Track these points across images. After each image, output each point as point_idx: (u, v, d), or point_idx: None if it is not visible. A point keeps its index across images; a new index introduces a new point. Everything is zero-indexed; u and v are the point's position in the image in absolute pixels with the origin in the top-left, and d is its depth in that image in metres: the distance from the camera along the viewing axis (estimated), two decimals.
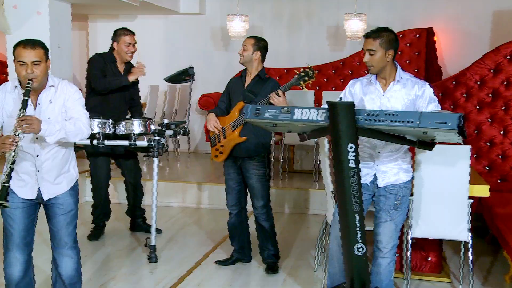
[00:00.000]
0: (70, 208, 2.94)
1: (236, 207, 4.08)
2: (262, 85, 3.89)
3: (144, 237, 4.76)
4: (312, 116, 2.80)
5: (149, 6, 7.01)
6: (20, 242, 2.88)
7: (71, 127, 2.78)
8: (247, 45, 3.92)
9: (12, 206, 2.82)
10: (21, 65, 2.71)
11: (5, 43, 8.83)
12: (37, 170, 2.82)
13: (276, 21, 7.96)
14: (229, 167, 4.02)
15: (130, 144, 4.21)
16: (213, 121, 3.95)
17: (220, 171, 6.81)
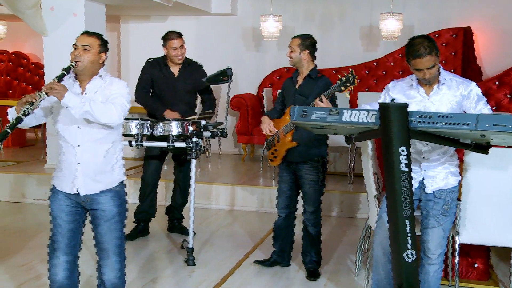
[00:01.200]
0: (112, 214, 2.87)
1: (285, 210, 4.02)
2: (313, 85, 3.80)
3: (179, 239, 4.75)
4: (362, 118, 2.71)
5: (182, 6, 7.00)
6: (64, 245, 2.85)
7: (98, 104, 2.71)
8: (293, 46, 3.83)
9: (58, 209, 2.81)
10: (74, 49, 2.77)
11: (41, 45, 8.98)
12: (77, 162, 2.77)
13: (308, 21, 7.87)
14: (283, 170, 3.97)
15: (168, 146, 4.17)
16: (267, 124, 3.90)
17: (252, 173, 6.77)
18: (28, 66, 9.25)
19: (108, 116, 2.72)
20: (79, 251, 2.97)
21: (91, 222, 2.90)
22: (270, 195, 5.89)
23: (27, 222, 5.29)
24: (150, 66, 4.71)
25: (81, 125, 2.76)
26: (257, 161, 7.51)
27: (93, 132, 2.78)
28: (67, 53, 6.33)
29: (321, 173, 3.89)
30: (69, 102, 2.63)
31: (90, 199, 2.82)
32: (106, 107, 2.72)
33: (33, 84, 9.22)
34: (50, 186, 2.92)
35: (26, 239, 4.73)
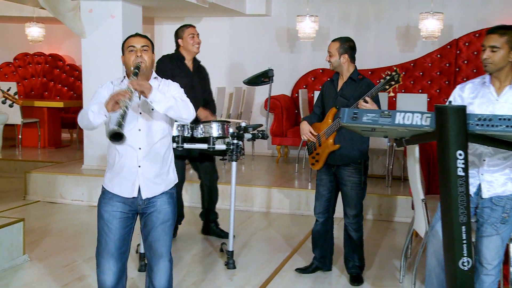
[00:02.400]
0: (168, 217, 2.85)
1: (323, 215, 3.95)
2: (355, 88, 3.73)
3: (217, 242, 4.72)
4: (416, 121, 2.63)
5: (217, 7, 6.98)
6: (115, 251, 2.82)
7: (179, 100, 2.74)
8: (331, 51, 3.77)
9: (110, 215, 2.79)
10: (131, 51, 2.75)
11: (76, 47, 9.08)
12: (138, 165, 2.76)
13: (343, 21, 7.79)
14: (322, 173, 3.90)
15: (209, 148, 4.15)
16: (307, 130, 3.84)
17: (288, 175, 6.71)
18: (63, 67, 9.38)
19: (188, 111, 2.76)
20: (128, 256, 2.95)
21: (144, 226, 2.87)
22: (307, 197, 5.82)
23: (66, 222, 5.33)
24: (167, 62, 4.59)
25: (141, 128, 2.75)
26: (292, 163, 7.46)
27: (153, 135, 2.78)
28: (105, 54, 6.43)
29: (363, 175, 3.82)
30: (155, 97, 2.62)
31: (147, 202, 2.81)
32: (184, 102, 2.74)
33: (68, 85, 9.35)
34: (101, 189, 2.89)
35: (66, 239, 4.76)
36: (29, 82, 9.49)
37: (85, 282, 3.79)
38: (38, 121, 8.22)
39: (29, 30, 8.28)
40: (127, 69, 2.81)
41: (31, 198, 6.12)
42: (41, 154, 7.89)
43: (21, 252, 4.11)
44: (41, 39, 8.42)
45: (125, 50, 2.81)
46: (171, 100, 2.67)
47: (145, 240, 2.90)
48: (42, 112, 8.32)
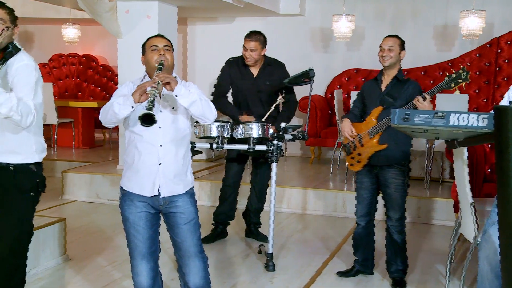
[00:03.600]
0: (192, 216, 2.84)
1: (365, 218, 3.87)
2: (401, 88, 3.64)
3: (255, 243, 4.68)
4: (472, 122, 2.54)
5: (251, 7, 6.94)
6: (146, 252, 2.82)
7: (203, 98, 2.74)
8: (393, 45, 3.66)
9: (136, 217, 2.78)
10: (153, 50, 2.75)
11: (112, 47, 9.13)
12: (159, 163, 2.73)
13: (378, 21, 7.67)
14: (363, 176, 3.82)
15: (249, 148, 4.11)
16: (348, 128, 3.77)
17: (323, 176, 6.63)
18: (97, 68, 9.46)
19: (210, 110, 2.75)
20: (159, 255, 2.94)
21: (169, 227, 2.86)
22: (343, 199, 5.75)
23: (104, 222, 5.35)
24: (228, 66, 4.64)
25: (162, 125, 2.72)
26: (325, 164, 7.38)
27: (173, 133, 2.76)
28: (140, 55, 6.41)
29: (407, 177, 3.73)
30: (180, 91, 2.61)
31: (169, 201, 2.79)
32: (207, 102, 2.73)
33: (101, 85, 9.43)
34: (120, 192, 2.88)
35: (105, 239, 4.78)
36: (63, 82, 9.61)
37: (126, 283, 3.79)
38: (72, 121, 8.31)
39: (65, 31, 8.37)
40: (148, 68, 2.79)
41: (68, 197, 6.17)
42: (76, 154, 7.97)
43: (62, 252, 4.14)
44: (76, 40, 8.51)
45: (146, 49, 2.80)
46: (195, 96, 2.67)
47: (173, 241, 2.89)
48: (76, 112, 8.41)
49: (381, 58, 3.69)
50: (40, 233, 3.91)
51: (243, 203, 5.26)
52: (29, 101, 2.61)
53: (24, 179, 2.77)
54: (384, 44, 3.70)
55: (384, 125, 3.61)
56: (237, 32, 7.84)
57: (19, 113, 2.53)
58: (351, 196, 5.75)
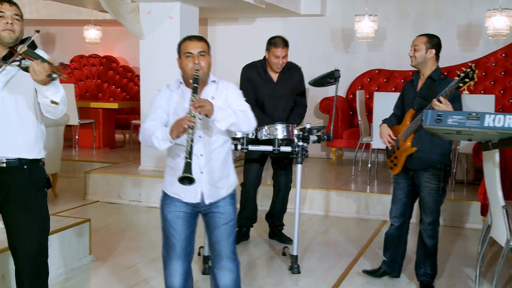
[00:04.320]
0: (231, 217, 2.83)
1: (398, 219, 3.81)
2: (434, 88, 3.54)
3: (279, 245, 4.65)
4: (508, 123, 2.50)
5: (272, 7, 6.92)
6: (181, 252, 2.81)
7: (239, 113, 2.69)
8: (418, 44, 3.59)
9: (174, 216, 2.78)
10: (188, 57, 2.69)
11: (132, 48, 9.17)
12: (200, 172, 2.73)
13: (401, 21, 7.59)
14: (400, 177, 3.76)
15: (274, 150, 4.08)
16: (386, 133, 3.70)
17: (345, 177, 6.58)
18: (117, 69, 9.50)
19: (249, 124, 2.73)
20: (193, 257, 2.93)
21: (207, 226, 2.86)
22: (366, 201, 5.69)
23: (126, 223, 5.36)
24: (247, 73, 4.54)
25: (202, 135, 2.71)
26: (347, 165, 7.32)
27: (213, 141, 2.75)
28: (163, 56, 6.45)
29: (442, 182, 3.64)
30: (217, 116, 2.59)
31: (210, 204, 2.79)
32: (244, 115, 2.70)
33: (121, 86, 9.46)
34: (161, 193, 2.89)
35: (128, 240, 4.78)
36: (84, 83, 9.67)
37: (150, 285, 3.78)
38: (93, 122, 8.35)
39: (87, 32, 8.42)
40: (184, 74, 2.74)
41: (90, 198, 6.20)
42: (97, 155, 8.00)
43: (87, 252, 4.15)
44: (98, 41, 8.56)
45: (181, 54, 2.73)
46: (232, 117, 2.63)
47: (209, 241, 2.89)
48: (97, 113, 8.45)
49: (410, 58, 3.64)
50: (66, 234, 3.92)
51: (264, 205, 5.24)
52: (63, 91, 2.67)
53: (38, 176, 2.78)
54: (412, 44, 3.65)
55: (413, 127, 3.54)
56: (257, 33, 7.83)
57: (63, 102, 2.62)
58: (375, 198, 5.71)
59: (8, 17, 2.60)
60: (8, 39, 2.60)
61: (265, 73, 4.51)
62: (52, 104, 2.58)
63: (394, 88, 7.51)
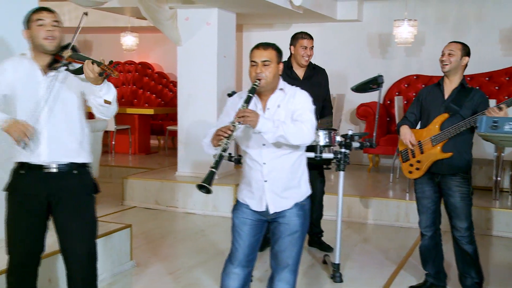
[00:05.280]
0: (296, 229, 2.76)
1: (430, 229, 3.72)
2: (466, 96, 3.51)
3: (319, 253, 4.59)
4: None
5: (309, 13, 6.87)
6: (243, 259, 2.79)
7: (290, 126, 2.60)
8: (454, 50, 3.54)
9: (241, 222, 2.78)
10: (253, 66, 2.68)
11: (167, 54, 9.25)
12: (264, 180, 2.71)
13: (439, 25, 7.45)
14: (424, 184, 3.67)
15: (316, 156, 4.02)
16: (410, 135, 3.64)
17: (383, 184, 6.47)
18: (152, 75, 9.58)
19: (300, 138, 2.62)
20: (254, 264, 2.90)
21: (272, 234, 2.82)
22: (406, 208, 5.57)
23: (165, 229, 5.37)
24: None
25: (266, 143, 2.67)
26: (384, 172, 7.20)
27: (277, 149, 2.70)
28: (200, 61, 6.45)
29: (470, 185, 3.59)
30: (262, 127, 2.53)
31: (276, 214, 2.76)
32: (297, 127, 2.60)
33: (156, 92, 9.54)
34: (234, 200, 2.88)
35: (168, 246, 4.78)
36: (120, 89, 9.77)
37: None
38: (129, 128, 8.43)
39: (124, 39, 8.52)
40: (251, 81, 2.72)
41: (128, 203, 6.24)
42: (132, 160, 8.07)
43: (128, 258, 4.16)
44: (134, 47, 8.65)
45: (250, 61, 2.72)
46: (280, 130, 2.54)
47: (272, 249, 2.84)
48: (133, 119, 8.53)
49: (441, 63, 3.57)
50: (108, 239, 3.94)
51: None
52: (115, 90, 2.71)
53: (88, 180, 2.81)
54: (445, 49, 3.59)
55: (451, 133, 3.49)
56: None
57: (116, 102, 2.65)
58: (414, 206, 5.51)
59: (48, 25, 2.65)
60: (50, 47, 2.65)
61: (291, 71, 4.49)
62: (106, 104, 2.60)
63: None
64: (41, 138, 2.66)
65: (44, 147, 2.67)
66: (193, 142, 6.29)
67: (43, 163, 2.68)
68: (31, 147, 2.62)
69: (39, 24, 2.63)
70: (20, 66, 2.70)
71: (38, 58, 2.69)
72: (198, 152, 6.27)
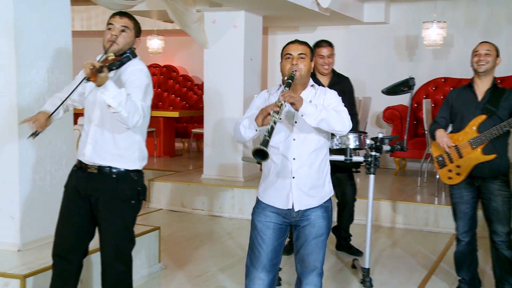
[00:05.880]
0: (322, 232, 2.74)
1: (468, 234, 3.63)
2: (500, 96, 3.44)
3: (347, 257, 4.54)
4: None
5: (336, 16, 6.83)
6: (267, 263, 2.74)
7: (331, 111, 2.60)
8: (491, 50, 3.47)
9: (264, 226, 2.73)
10: (287, 58, 2.67)
11: (192, 57, 9.28)
12: (292, 176, 2.67)
13: (469, 27, 7.33)
14: (462, 189, 3.59)
15: (346, 159, 3.98)
16: (447, 138, 3.56)
17: (411, 188, 6.38)
18: (177, 78, 9.62)
19: (342, 123, 2.61)
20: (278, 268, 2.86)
21: (296, 238, 2.77)
22: (435, 213, 5.49)
23: (191, 231, 5.37)
24: None
25: (296, 137, 2.65)
26: (411, 175, 7.11)
27: (308, 144, 2.67)
28: (226, 64, 6.45)
29: (510, 188, 3.51)
30: (306, 110, 2.53)
31: (301, 215, 2.71)
32: (338, 114, 2.61)
33: (180, 95, 9.58)
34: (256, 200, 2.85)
35: (195, 249, 4.78)
36: None
37: None
38: (154, 131, 8.47)
39: (150, 42, 8.57)
40: (283, 76, 2.73)
41: (154, 206, 6.26)
42: (157, 163, 8.09)
43: (157, 260, 4.16)
44: (160, 50, 8.70)
45: (282, 56, 2.73)
46: (323, 113, 2.55)
47: (297, 253, 2.80)
48: (158, 121, 8.56)
49: (476, 63, 3.49)
50: (137, 241, 3.91)
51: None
52: (137, 101, 2.61)
53: (125, 188, 2.78)
54: (481, 49, 3.51)
55: (493, 135, 3.41)
56: None
57: (126, 109, 2.52)
58: (445, 211, 5.49)
59: (116, 29, 2.71)
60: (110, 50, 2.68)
61: (315, 78, 4.44)
62: (110, 108, 2.51)
63: None
64: (88, 138, 2.75)
65: (89, 147, 2.74)
66: (219, 144, 6.29)
67: (87, 162, 2.76)
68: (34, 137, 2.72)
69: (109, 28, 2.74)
70: None
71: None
72: (224, 155, 6.28)
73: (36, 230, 3.55)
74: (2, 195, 3.50)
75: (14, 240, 3.47)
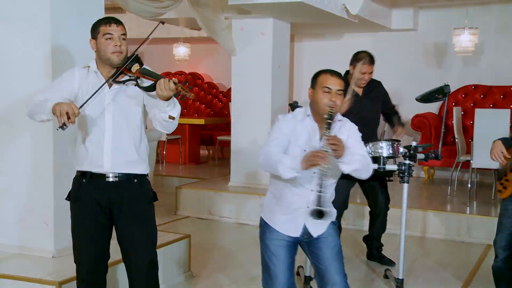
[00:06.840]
0: (335, 243, 2.74)
1: (504, 251, 3.47)
2: None
3: (379, 267, 4.46)
4: None
5: (363, 23, 6.75)
6: (285, 282, 2.71)
7: (364, 160, 2.67)
8: None
9: (276, 245, 2.73)
10: (325, 92, 2.67)
11: (217, 65, 9.29)
12: (307, 206, 2.67)
13: (501, 33, 7.19)
14: (508, 203, 3.46)
15: (379, 168, 3.91)
16: (498, 149, 3.31)
17: (441, 197, 6.26)
18: (202, 85, 9.64)
19: (367, 173, 2.70)
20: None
21: (311, 254, 2.77)
22: (467, 223, 5.37)
23: (219, 239, 5.34)
24: None
25: (316, 171, 2.60)
26: (440, 184, 6.99)
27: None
28: (254, 72, 6.41)
29: None
30: (346, 158, 2.56)
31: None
32: (367, 162, 2.69)
33: (206, 103, 9.59)
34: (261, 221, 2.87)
35: (224, 257, 4.74)
36: None
37: None
38: (180, 138, 8.49)
39: (176, 50, 8.61)
40: (315, 106, 2.72)
41: (181, 213, 6.25)
42: (183, 170, 8.11)
43: (187, 268, 4.13)
44: (186, 58, 8.73)
45: (317, 86, 2.71)
46: (358, 163, 2.62)
47: (316, 270, 2.78)
48: (183, 129, 8.57)
49: None
50: (168, 249, 3.92)
51: (358, 224, 5.05)
52: None
53: (148, 190, 2.80)
54: None
55: None
56: (345, 49, 7.61)
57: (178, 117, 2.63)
58: (477, 220, 5.38)
59: (116, 39, 2.65)
60: (117, 61, 2.66)
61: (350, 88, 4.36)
62: (170, 119, 2.59)
63: (492, 104, 7.12)
64: (104, 148, 2.68)
65: (108, 157, 2.68)
66: (246, 152, 6.25)
67: (105, 172, 2.69)
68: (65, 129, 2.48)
69: (108, 38, 2.63)
70: (85, 79, 2.71)
71: (103, 69, 2.71)
72: (251, 163, 6.22)
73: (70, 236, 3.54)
74: (37, 200, 3.51)
75: (49, 246, 3.48)
